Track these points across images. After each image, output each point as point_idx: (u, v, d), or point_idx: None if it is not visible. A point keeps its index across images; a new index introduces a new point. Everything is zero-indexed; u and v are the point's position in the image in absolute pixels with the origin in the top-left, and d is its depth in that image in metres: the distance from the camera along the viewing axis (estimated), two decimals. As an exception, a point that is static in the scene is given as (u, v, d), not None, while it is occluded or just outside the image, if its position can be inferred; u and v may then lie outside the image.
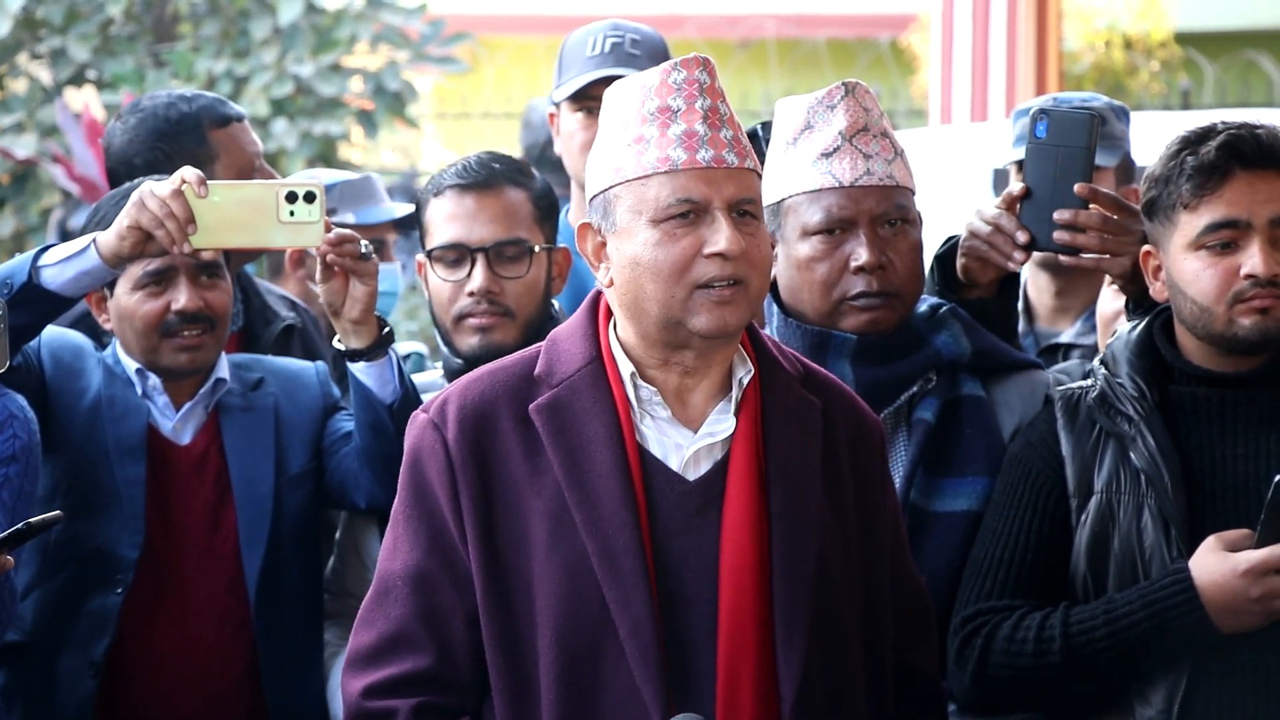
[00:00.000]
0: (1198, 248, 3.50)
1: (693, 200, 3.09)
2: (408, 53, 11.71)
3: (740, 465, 3.13)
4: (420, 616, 3.15)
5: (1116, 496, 3.54)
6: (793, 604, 3.10)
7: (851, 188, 3.69)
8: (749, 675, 3.08)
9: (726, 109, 3.15)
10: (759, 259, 3.12)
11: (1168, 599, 3.43)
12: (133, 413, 4.17)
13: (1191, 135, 3.52)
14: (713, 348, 3.14)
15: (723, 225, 3.08)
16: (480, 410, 3.16)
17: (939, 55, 11.15)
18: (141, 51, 11.60)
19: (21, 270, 3.90)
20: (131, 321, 4.17)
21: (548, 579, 3.10)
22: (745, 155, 3.14)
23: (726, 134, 3.12)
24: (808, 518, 3.14)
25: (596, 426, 3.13)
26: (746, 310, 3.12)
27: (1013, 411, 3.80)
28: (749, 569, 3.10)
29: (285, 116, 11.16)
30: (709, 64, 3.16)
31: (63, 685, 4.11)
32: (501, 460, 3.14)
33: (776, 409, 3.17)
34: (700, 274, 3.09)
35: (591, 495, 3.10)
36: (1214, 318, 3.50)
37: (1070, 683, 3.51)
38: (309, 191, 3.87)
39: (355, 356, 4.03)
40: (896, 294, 3.72)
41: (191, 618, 4.15)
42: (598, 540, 3.08)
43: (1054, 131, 3.77)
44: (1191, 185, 3.48)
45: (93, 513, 4.10)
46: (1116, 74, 16.17)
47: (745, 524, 3.11)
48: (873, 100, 3.75)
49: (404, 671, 3.14)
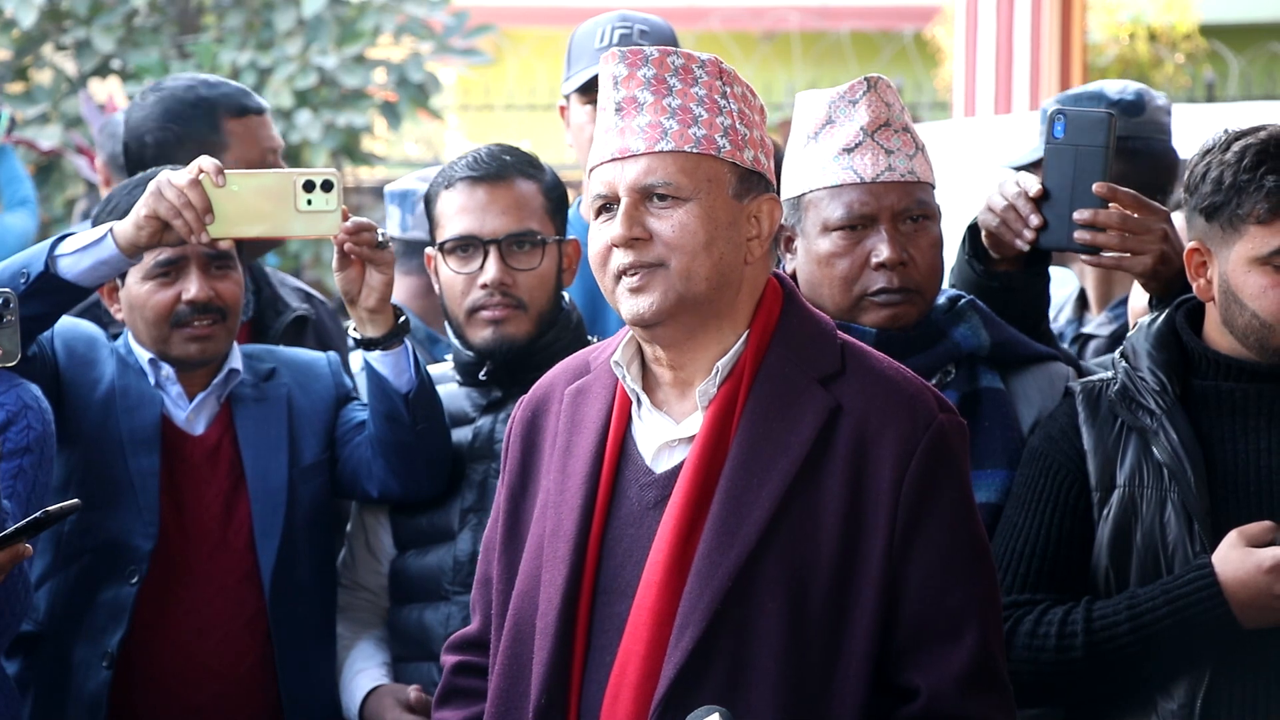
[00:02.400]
0: (1264, 264, 3.47)
1: (602, 194, 3.15)
2: (431, 44, 11.72)
3: (695, 462, 3.11)
4: (481, 582, 3.35)
5: (1139, 490, 3.54)
6: (693, 606, 3.05)
7: (873, 183, 3.69)
8: (635, 673, 3.06)
9: (649, 95, 3.14)
10: (674, 239, 3.10)
11: (1191, 594, 3.42)
12: (146, 403, 4.17)
13: (1266, 144, 3.47)
14: (654, 336, 3.14)
15: (618, 214, 3.12)
16: (544, 391, 3.31)
17: (963, 48, 11.13)
18: (166, 43, 11.62)
19: (38, 260, 3.90)
20: (142, 311, 4.17)
21: (526, 555, 3.20)
22: (660, 139, 3.12)
23: (640, 121, 3.13)
24: (748, 520, 3.07)
25: (593, 413, 3.20)
26: (664, 293, 3.10)
27: (1031, 403, 3.79)
28: (664, 566, 3.07)
29: (309, 108, 11.19)
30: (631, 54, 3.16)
31: (77, 675, 4.12)
32: (542, 439, 3.26)
33: (757, 406, 3.13)
34: (614, 265, 3.13)
35: (566, 479, 3.17)
36: (1274, 334, 3.48)
37: (1092, 677, 3.50)
38: (326, 180, 3.88)
39: (371, 345, 4.03)
40: (917, 290, 3.71)
41: (204, 609, 4.15)
42: (554, 521, 3.16)
43: (1071, 131, 3.78)
44: (1268, 206, 3.45)
45: (106, 503, 4.11)
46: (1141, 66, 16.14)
47: (677, 521, 3.09)
48: (894, 95, 3.74)
49: (465, 632, 3.38)
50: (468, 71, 14.82)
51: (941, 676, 3.07)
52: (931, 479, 3.09)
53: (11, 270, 3.91)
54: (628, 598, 3.09)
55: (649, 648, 3.05)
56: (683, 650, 3.03)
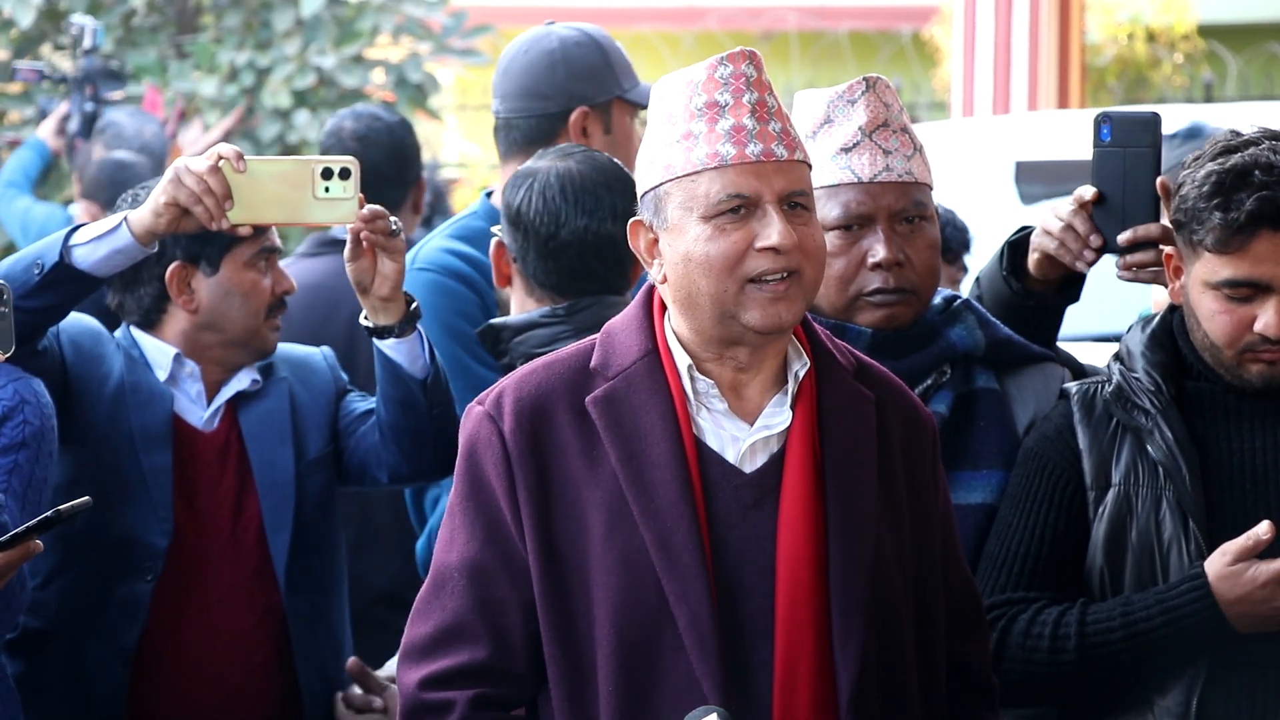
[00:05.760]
0: (1215, 289, 3.50)
1: (743, 195, 3.09)
2: (430, 45, 11.72)
3: (797, 458, 3.12)
4: (477, 608, 3.14)
5: (1134, 489, 3.55)
6: (849, 598, 3.09)
7: (870, 183, 3.69)
8: (806, 668, 3.08)
9: (774, 101, 3.14)
10: (813, 249, 3.12)
11: (1185, 605, 3.44)
12: (157, 399, 4.18)
13: (1226, 175, 3.47)
14: (766, 342, 3.13)
15: (774, 219, 3.08)
16: (537, 402, 3.15)
17: (961, 48, 11.14)
18: (164, 43, 11.63)
19: (52, 250, 3.88)
20: (248, 299, 4.20)
21: (605, 570, 3.09)
22: (795, 147, 3.13)
23: (775, 126, 3.12)
24: (864, 511, 3.13)
25: (653, 418, 3.12)
26: (801, 303, 3.12)
27: (1027, 404, 3.80)
28: (805, 562, 3.09)
29: (307, 108, 11.18)
30: (755, 57, 3.15)
31: (93, 673, 4.12)
32: (558, 452, 3.14)
33: (832, 402, 3.17)
34: (752, 268, 3.09)
35: (649, 487, 3.09)
36: (1223, 356, 3.52)
37: (1084, 680, 3.51)
38: (344, 168, 3.88)
39: (384, 334, 4.04)
40: (913, 290, 3.71)
41: (217, 606, 4.16)
42: (655, 531, 3.07)
43: (1118, 134, 3.79)
44: (1216, 238, 3.47)
45: (119, 500, 4.11)
46: (1139, 67, 16.14)
47: (802, 517, 3.10)
48: (893, 95, 3.74)
49: (461, 663, 3.13)
50: (466, 72, 14.82)
51: (983, 648, 3.32)
52: (939, 460, 3.30)
53: (25, 262, 3.90)
54: (752, 598, 3.09)
55: (816, 644, 3.08)
56: (855, 643, 3.08)
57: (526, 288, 4.03)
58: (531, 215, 3.99)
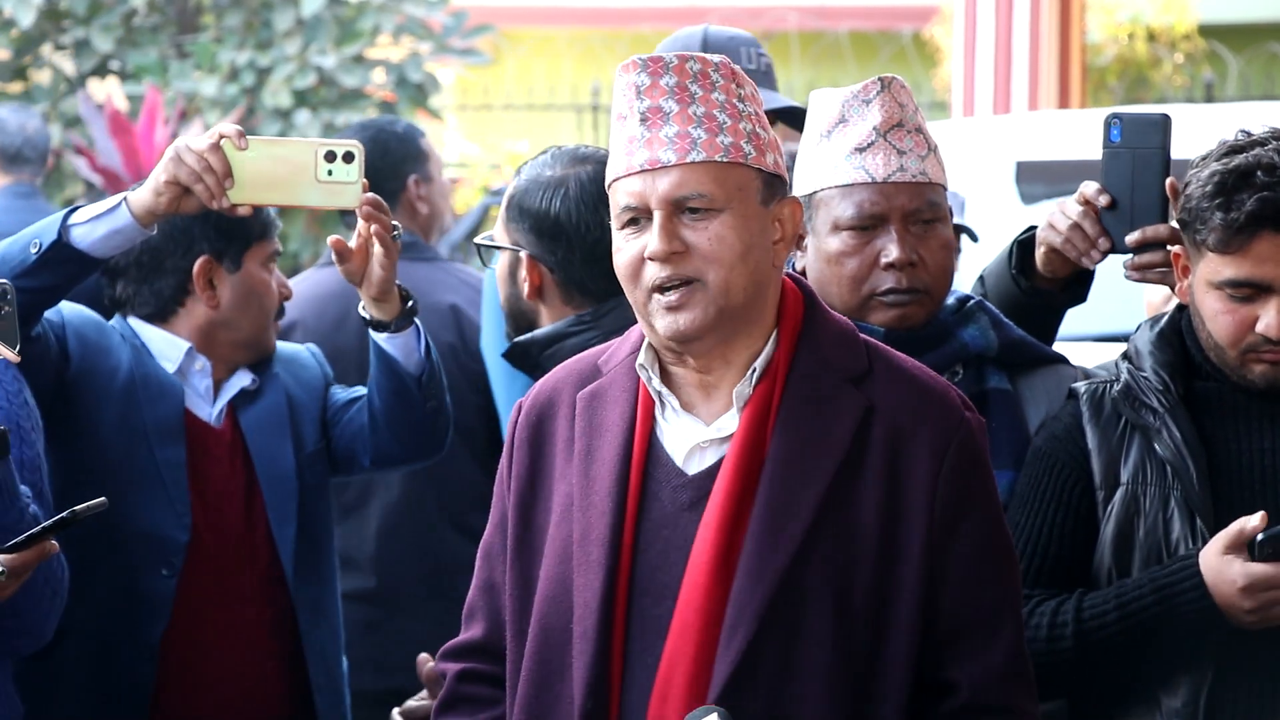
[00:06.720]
0: (1218, 289, 3.51)
1: (632, 206, 3.10)
2: (430, 44, 11.72)
3: (733, 462, 3.09)
4: (483, 589, 3.28)
5: (1142, 488, 3.55)
6: (742, 607, 3.04)
7: (884, 184, 3.69)
8: (683, 674, 3.05)
9: (674, 104, 3.09)
10: (712, 253, 3.07)
11: (1176, 583, 3.44)
12: (169, 393, 4.18)
13: (1229, 175, 3.49)
14: (689, 350, 3.12)
15: (654, 228, 3.08)
16: (548, 395, 3.24)
17: (962, 48, 11.13)
18: (165, 42, 11.63)
19: (50, 229, 3.86)
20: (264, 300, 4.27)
21: (548, 560, 3.16)
22: (690, 150, 3.08)
23: (668, 132, 3.08)
24: (793, 517, 3.07)
25: (614, 416, 3.16)
26: (704, 309, 3.08)
27: (1039, 405, 3.80)
28: (707, 567, 3.06)
29: (308, 108, 11.19)
30: (653, 64, 3.11)
31: (118, 669, 4.12)
32: (550, 444, 3.20)
33: (793, 406, 3.12)
34: (648, 279, 3.09)
35: (592, 482, 3.13)
36: (1227, 356, 3.53)
37: (1083, 668, 3.52)
38: (348, 151, 3.83)
39: (380, 327, 4.05)
40: (926, 291, 3.71)
41: (235, 600, 4.19)
42: (581, 526, 3.12)
43: (1128, 134, 3.78)
44: (1217, 238, 3.48)
45: (134, 494, 4.11)
46: (1140, 67, 16.15)
47: (717, 521, 3.07)
48: (908, 95, 3.74)
49: (465, 639, 3.30)
50: (466, 72, 14.82)
51: (984, 669, 3.10)
52: (965, 475, 3.13)
53: (23, 242, 3.87)
54: (667, 600, 3.08)
55: (698, 649, 3.04)
56: (735, 650, 3.03)
57: (564, 296, 3.98)
58: (575, 222, 3.95)
